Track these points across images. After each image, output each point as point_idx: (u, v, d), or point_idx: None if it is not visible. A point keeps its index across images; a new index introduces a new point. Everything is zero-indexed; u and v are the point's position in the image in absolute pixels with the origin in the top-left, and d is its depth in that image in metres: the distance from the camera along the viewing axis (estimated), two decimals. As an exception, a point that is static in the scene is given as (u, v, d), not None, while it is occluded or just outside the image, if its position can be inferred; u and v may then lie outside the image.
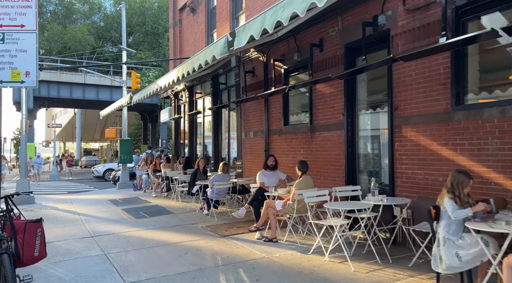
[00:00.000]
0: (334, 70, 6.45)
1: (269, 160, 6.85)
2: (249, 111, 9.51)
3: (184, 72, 5.37)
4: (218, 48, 4.26)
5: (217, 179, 8.01)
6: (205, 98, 12.68)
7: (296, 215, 5.69)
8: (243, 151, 9.79)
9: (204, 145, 12.82)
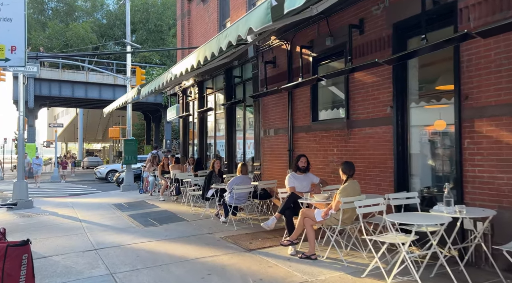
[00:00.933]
0: (378, 55, 5.48)
1: (300, 161, 5.88)
2: (269, 106, 8.55)
3: (208, 54, 4.41)
4: (256, 17, 3.30)
5: (237, 182, 7.05)
6: (217, 94, 11.73)
7: (341, 227, 4.71)
8: (262, 151, 8.82)
9: (216, 145, 11.86)
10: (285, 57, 7.80)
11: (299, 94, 7.47)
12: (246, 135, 10.05)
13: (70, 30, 30.47)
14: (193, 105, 13.46)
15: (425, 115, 5.26)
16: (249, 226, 7.12)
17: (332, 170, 6.58)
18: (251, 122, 9.96)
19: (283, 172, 7.93)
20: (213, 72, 11.27)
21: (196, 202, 9.58)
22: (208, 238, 6.42)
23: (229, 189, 7.08)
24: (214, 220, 7.82)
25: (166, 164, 11.70)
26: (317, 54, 6.99)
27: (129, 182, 16.39)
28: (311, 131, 7.15)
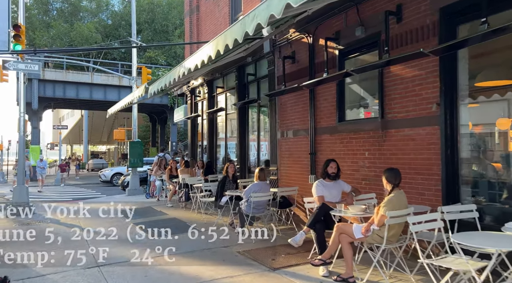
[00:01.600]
0: (420, 45, 4.77)
1: (329, 166, 5.17)
2: (287, 105, 7.85)
3: (229, 41, 3.73)
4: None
5: (255, 189, 6.36)
6: (227, 93, 11.05)
7: (386, 246, 3.99)
8: (279, 155, 8.12)
9: (227, 148, 11.18)
10: (306, 51, 7.11)
11: (323, 91, 6.77)
12: (260, 137, 9.36)
13: (74, 30, 30.02)
14: (202, 105, 12.81)
15: (479, 113, 4.54)
16: (268, 238, 6.42)
17: (362, 176, 5.87)
18: (266, 123, 9.27)
19: (303, 177, 7.24)
20: (224, 70, 10.61)
21: (207, 209, 8.90)
22: (224, 253, 5.74)
23: (246, 196, 6.40)
24: (229, 230, 7.11)
25: (174, 168, 11.04)
26: (344, 46, 6.29)
27: (135, 186, 15.76)
28: (337, 132, 6.44)
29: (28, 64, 10.92)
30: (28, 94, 27.03)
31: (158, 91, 6.77)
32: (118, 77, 29.87)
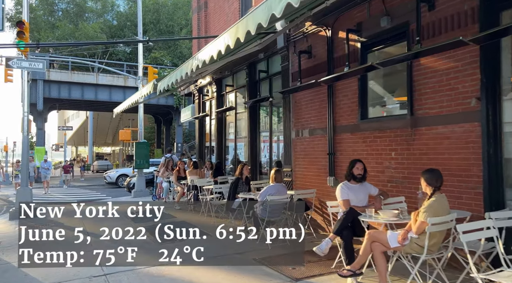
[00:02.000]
0: (456, 33, 4.33)
1: (355, 167, 4.75)
2: (302, 103, 7.44)
3: (251, 28, 3.33)
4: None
5: (271, 192, 5.95)
6: (237, 92, 10.66)
7: (427, 256, 3.56)
8: (293, 155, 7.70)
9: (236, 148, 10.78)
10: (324, 45, 6.69)
11: (343, 87, 6.34)
12: (273, 137, 8.95)
13: (80, 31, 29.86)
14: (210, 105, 12.43)
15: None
16: (285, 244, 5.99)
17: (388, 178, 5.43)
18: (278, 122, 8.87)
19: (321, 179, 6.81)
20: (234, 67, 10.22)
21: (217, 212, 8.48)
22: (239, 260, 5.34)
23: (261, 199, 5.99)
24: (242, 235, 6.71)
25: (182, 169, 10.65)
26: (366, 39, 5.86)
27: (141, 188, 15.42)
28: (359, 131, 6.01)
29: (32, 62, 10.60)
30: (33, 95, 26.84)
31: (168, 88, 6.38)
32: (124, 78, 29.65)
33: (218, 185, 8.39)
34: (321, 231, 6.84)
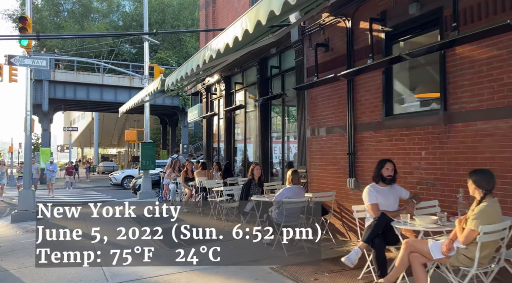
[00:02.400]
0: (501, 17, 3.87)
1: (385, 168, 4.29)
2: (319, 100, 6.98)
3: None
4: None
5: (288, 194, 5.51)
6: (247, 89, 10.23)
7: (478, 270, 3.08)
8: (309, 155, 7.25)
9: (246, 148, 10.34)
10: (343, 37, 6.24)
11: (365, 82, 5.88)
12: (285, 136, 8.50)
13: (85, 31, 29.65)
14: (218, 103, 12.01)
15: None
16: (302, 250, 5.56)
17: (418, 180, 4.96)
18: (292, 120, 8.43)
19: (340, 181, 6.36)
20: (244, 64, 9.80)
21: (227, 215, 8.04)
22: (254, 270, 4.90)
23: (277, 203, 5.54)
24: (255, 240, 6.28)
25: (190, 170, 10.24)
26: (392, 28, 5.40)
27: (147, 189, 15.04)
28: (383, 128, 5.54)
29: (35, 60, 10.27)
30: (39, 96, 26.70)
31: (176, 83, 5.96)
32: (129, 78, 29.40)
33: (228, 186, 7.96)
34: (339, 237, 6.37)
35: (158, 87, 6.62)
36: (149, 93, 7.52)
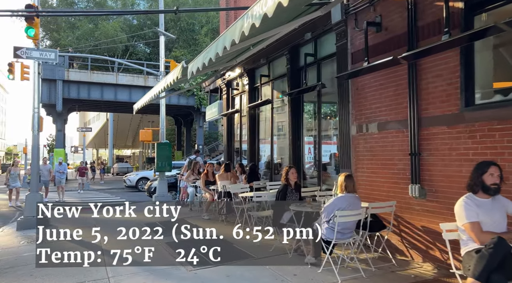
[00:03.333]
0: None
1: (488, 173, 3.17)
2: (367, 90, 5.87)
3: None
4: None
5: (342, 205, 4.42)
6: (275, 82, 9.17)
7: None
8: (354, 156, 6.14)
9: (273, 148, 9.28)
10: (402, 12, 5.12)
11: (433, 65, 4.75)
12: (321, 134, 7.40)
13: (99, 29, 29.12)
14: (240, 100, 11.00)
15: None
16: (358, 274, 4.46)
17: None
18: (330, 115, 7.33)
19: (399, 188, 5.24)
20: (271, 54, 8.75)
21: (256, 225, 6.99)
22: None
23: (327, 215, 4.47)
24: (295, 258, 5.22)
25: (211, 173, 9.24)
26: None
27: (163, 193, 14.11)
28: (462, 122, 4.40)
29: (43, 52, 9.46)
30: (53, 96, 26.25)
31: (201, 69, 4.94)
32: (144, 78, 28.73)
33: (261, 192, 6.91)
34: (398, 255, 5.24)
35: (178, 76, 5.62)
36: (167, 85, 6.53)
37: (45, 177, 13.12)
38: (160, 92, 7.69)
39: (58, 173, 13.87)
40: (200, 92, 30.09)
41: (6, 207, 14.74)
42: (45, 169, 13.30)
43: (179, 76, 5.59)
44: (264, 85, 9.53)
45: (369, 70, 5.49)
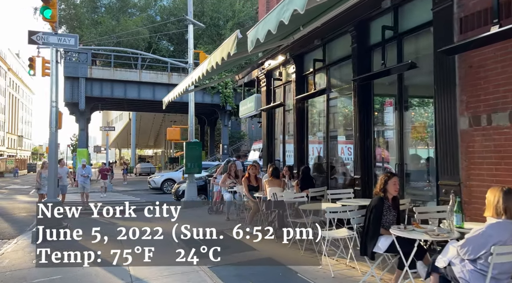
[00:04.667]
0: None
1: None
2: (490, 66, 4.25)
3: None
4: None
5: (501, 237, 2.83)
6: (331, 68, 7.61)
7: None
8: (464, 158, 4.52)
9: (328, 148, 7.72)
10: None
11: None
12: (405, 130, 5.79)
13: (121, 25, 28.28)
14: (284, 92, 9.49)
15: None
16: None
17: None
18: (417, 105, 5.73)
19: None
20: (327, 34, 7.21)
21: (329, 248, 5.41)
22: None
23: (473, 251, 2.89)
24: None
25: (253, 177, 7.77)
26: None
27: (192, 197, 12.83)
28: None
29: (62, 37, 8.24)
30: (75, 94, 25.54)
31: (264, 38, 3.48)
32: (168, 75, 27.71)
33: (331, 205, 5.40)
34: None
35: (230, 50, 4.16)
36: (210, 67, 5.09)
37: (62, 182, 11.05)
38: (199, 79, 6.25)
39: (81, 177, 12.25)
40: (225, 90, 28.81)
41: (26, 212, 13.70)
42: (62, 172, 11.08)
43: (232, 50, 4.13)
44: (318, 72, 7.96)
45: (498, 38, 3.88)
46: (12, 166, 43.28)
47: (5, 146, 60.56)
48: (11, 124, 65.02)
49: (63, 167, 11.46)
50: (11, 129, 64.59)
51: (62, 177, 10.97)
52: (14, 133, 66.86)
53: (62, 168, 11.03)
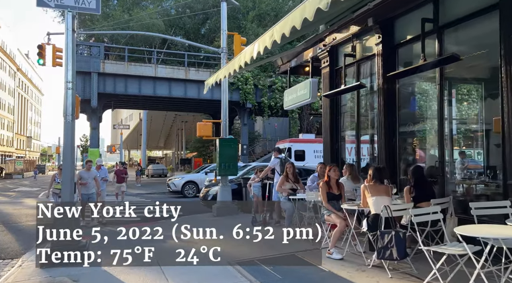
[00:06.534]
0: None
1: None
2: None
3: None
4: None
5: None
6: (446, 31, 5.54)
7: None
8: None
9: (443, 144, 5.64)
10: None
11: None
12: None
13: (135, 17, 26.52)
14: (358, 71, 7.46)
15: None
16: None
17: None
18: None
19: None
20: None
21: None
22: None
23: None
24: None
25: (334, 182, 5.71)
26: None
27: (226, 203, 10.86)
28: None
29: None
30: (87, 90, 23.77)
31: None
32: (185, 70, 25.85)
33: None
34: None
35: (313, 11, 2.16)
36: (293, 24, 3.07)
37: (88, 190, 8.58)
38: (264, 51, 4.27)
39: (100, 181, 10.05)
40: (245, 86, 26.84)
41: (34, 220, 11.73)
42: (89, 177, 8.65)
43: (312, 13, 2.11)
44: (416, 41, 5.86)
45: None
46: (21, 167, 41.81)
47: (14, 147, 59.33)
48: (20, 125, 63.84)
49: (90, 171, 8.73)
50: (20, 130, 63.38)
51: (88, 183, 8.52)
52: (23, 134, 65.68)
53: (89, 172, 8.63)
